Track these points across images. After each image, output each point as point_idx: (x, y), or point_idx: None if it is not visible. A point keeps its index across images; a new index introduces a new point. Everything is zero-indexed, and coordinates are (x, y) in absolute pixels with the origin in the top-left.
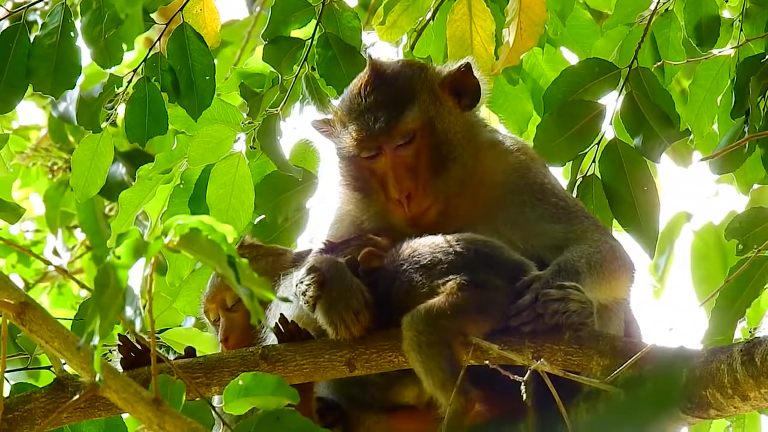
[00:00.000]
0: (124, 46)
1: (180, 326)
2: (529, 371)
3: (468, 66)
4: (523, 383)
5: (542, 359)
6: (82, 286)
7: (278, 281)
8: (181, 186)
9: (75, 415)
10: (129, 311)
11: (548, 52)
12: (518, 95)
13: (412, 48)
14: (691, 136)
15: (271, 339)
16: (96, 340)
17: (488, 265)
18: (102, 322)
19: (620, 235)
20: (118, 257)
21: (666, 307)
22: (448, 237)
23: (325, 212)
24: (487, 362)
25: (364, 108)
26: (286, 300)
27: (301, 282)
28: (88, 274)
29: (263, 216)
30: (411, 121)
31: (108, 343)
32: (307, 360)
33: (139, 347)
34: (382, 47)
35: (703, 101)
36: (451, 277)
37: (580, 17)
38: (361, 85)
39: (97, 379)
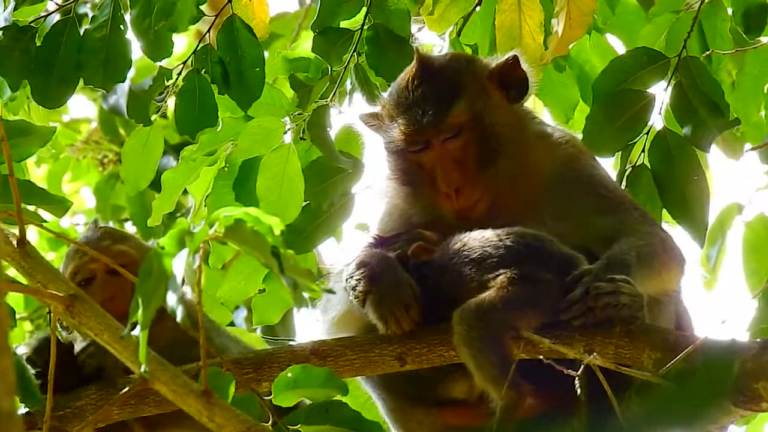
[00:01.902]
0: (174, 36)
1: (232, 324)
2: (582, 365)
3: (515, 58)
4: (576, 377)
5: (594, 353)
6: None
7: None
8: (226, 169)
9: (125, 411)
10: (171, 300)
11: (594, 39)
12: (564, 82)
13: (458, 35)
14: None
15: None
16: (138, 330)
17: (538, 259)
18: (145, 310)
19: (670, 227)
20: (163, 246)
21: (718, 300)
22: (499, 231)
23: (371, 200)
24: (540, 357)
25: (412, 102)
26: (331, 292)
27: (351, 277)
28: None
29: (308, 202)
30: (459, 115)
31: None
32: (358, 355)
33: None
34: (429, 35)
35: (751, 89)
36: (501, 271)
37: (626, 4)
38: (408, 78)
39: (142, 369)
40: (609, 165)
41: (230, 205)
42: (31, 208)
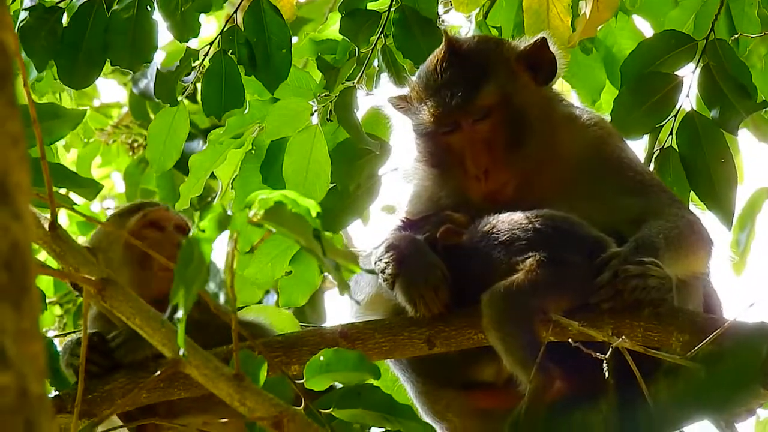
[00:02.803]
0: (202, 18)
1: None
2: (610, 348)
3: (544, 41)
4: (605, 361)
5: (623, 336)
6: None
7: None
8: (253, 152)
9: (155, 394)
10: (212, 286)
11: (621, 21)
12: (591, 64)
13: (485, 17)
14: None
15: None
16: (180, 314)
17: (567, 242)
18: (186, 295)
19: (698, 210)
20: (202, 230)
21: (747, 283)
22: (527, 213)
23: (399, 183)
24: (569, 339)
25: (441, 84)
26: (372, 272)
27: (380, 260)
28: None
29: (335, 184)
30: (487, 97)
31: None
32: (387, 338)
33: None
34: (456, 16)
35: None
36: (530, 254)
37: None
38: (437, 61)
39: (180, 353)
40: (639, 147)
41: (257, 187)
42: (62, 191)
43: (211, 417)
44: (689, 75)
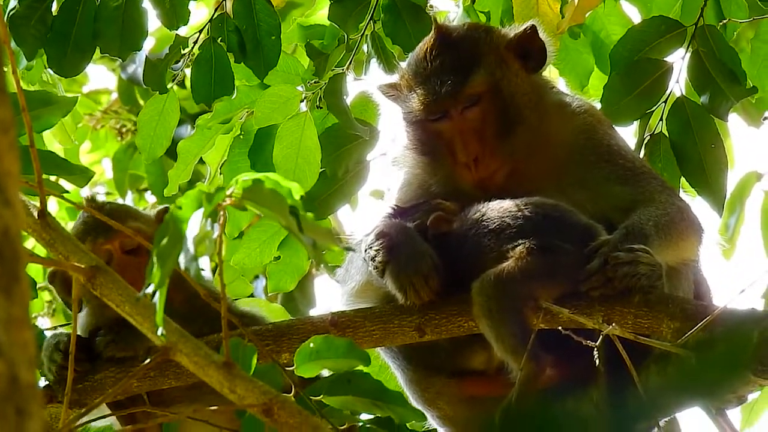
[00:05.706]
0: (192, 6)
1: (252, 296)
2: (601, 335)
3: (533, 28)
4: (595, 348)
5: (613, 323)
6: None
7: None
8: (241, 137)
9: (145, 383)
10: (183, 260)
11: (609, 6)
12: (579, 49)
13: (472, 2)
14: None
15: None
16: (156, 296)
17: (557, 229)
18: (161, 270)
19: (688, 196)
20: (179, 207)
21: (736, 268)
22: (517, 201)
23: (390, 171)
24: (560, 327)
25: (431, 72)
26: (351, 249)
27: (370, 247)
28: None
29: (324, 169)
30: (477, 85)
31: None
32: (377, 326)
33: None
34: (444, 2)
35: (765, 56)
36: (520, 241)
37: None
38: (426, 49)
39: (159, 332)
40: (629, 133)
41: (246, 172)
42: (53, 178)
43: (200, 407)
44: (679, 61)
